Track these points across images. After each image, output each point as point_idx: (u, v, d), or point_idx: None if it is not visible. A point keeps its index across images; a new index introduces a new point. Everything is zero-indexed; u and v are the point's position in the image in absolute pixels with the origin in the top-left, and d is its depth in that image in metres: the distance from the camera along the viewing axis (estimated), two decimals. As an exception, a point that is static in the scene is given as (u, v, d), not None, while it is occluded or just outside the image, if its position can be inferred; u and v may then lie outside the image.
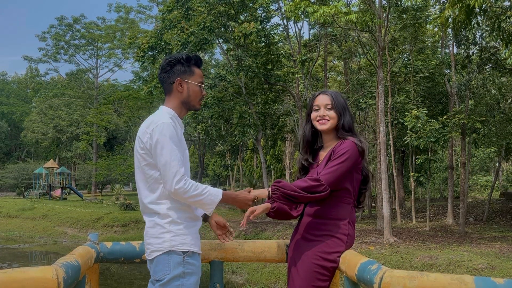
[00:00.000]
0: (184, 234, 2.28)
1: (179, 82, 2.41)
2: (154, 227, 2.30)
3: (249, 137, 23.04)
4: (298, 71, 19.85)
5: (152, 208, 2.31)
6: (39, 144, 50.43)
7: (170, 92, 2.44)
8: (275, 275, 12.80)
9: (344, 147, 2.45)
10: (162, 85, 2.48)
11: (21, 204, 33.14)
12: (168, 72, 2.43)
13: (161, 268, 2.25)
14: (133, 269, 16.42)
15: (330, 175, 2.40)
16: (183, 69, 2.42)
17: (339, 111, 2.56)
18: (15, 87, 67.86)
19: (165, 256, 2.25)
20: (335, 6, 12.88)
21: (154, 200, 2.31)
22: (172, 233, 2.27)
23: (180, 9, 19.50)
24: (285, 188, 2.38)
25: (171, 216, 2.28)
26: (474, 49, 16.96)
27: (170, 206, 2.29)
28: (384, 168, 13.82)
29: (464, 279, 1.68)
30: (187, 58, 2.44)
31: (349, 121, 2.56)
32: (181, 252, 2.26)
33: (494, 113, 18.99)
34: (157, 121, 2.32)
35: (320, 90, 2.72)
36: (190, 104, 2.45)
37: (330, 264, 2.41)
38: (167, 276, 2.23)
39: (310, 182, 2.39)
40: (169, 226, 2.27)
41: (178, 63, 2.42)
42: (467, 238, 13.85)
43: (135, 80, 40.73)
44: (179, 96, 2.42)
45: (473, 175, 36.62)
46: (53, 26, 42.50)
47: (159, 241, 2.27)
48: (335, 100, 2.57)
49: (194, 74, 2.44)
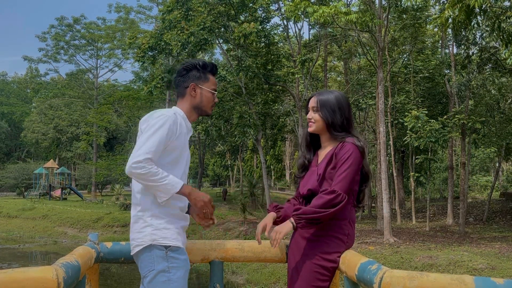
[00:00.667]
0: (165, 228, 2.25)
1: (193, 87, 2.44)
2: (137, 221, 2.29)
3: (249, 137, 23.06)
4: (298, 71, 19.86)
5: (138, 197, 2.30)
6: (39, 144, 50.47)
7: (183, 95, 2.46)
8: (275, 275, 12.81)
9: (346, 151, 2.45)
10: (176, 88, 2.50)
11: (21, 204, 33.16)
12: (183, 76, 2.46)
13: (145, 264, 2.23)
14: (133, 269, 16.42)
15: (342, 183, 2.39)
16: (198, 75, 2.45)
17: (325, 113, 2.54)
18: (15, 87, 67.94)
19: (147, 252, 2.23)
20: (335, 6, 12.88)
21: (140, 190, 2.30)
22: (153, 227, 2.24)
23: (180, 9, 19.51)
24: (307, 213, 2.37)
25: (152, 210, 2.26)
26: (474, 49, 16.98)
27: (154, 200, 2.26)
28: (384, 168, 13.83)
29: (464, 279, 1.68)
30: (204, 65, 2.47)
31: (339, 120, 2.53)
32: (162, 247, 2.22)
33: (494, 113, 19.01)
34: (159, 113, 2.32)
35: (314, 92, 2.73)
36: (202, 109, 2.47)
37: (330, 264, 2.41)
38: (152, 272, 2.20)
39: (326, 197, 2.37)
40: (150, 220, 2.25)
41: (194, 68, 2.46)
42: (467, 238, 13.85)
43: (135, 80, 40.76)
44: (192, 100, 2.45)
45: (473, 175, 36.64)
46: (53, 26, 42.56)
47: (141, 235, 2.25)
48: (321, 102, 2.56)
49: (208, 80, 2.47)
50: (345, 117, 2.55)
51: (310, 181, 2.56)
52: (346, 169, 2.42)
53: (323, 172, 2.49)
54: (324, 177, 2.49)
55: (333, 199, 2.36)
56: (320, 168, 2.53)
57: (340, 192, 2.37)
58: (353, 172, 2.43)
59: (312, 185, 2.52)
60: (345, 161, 2.43)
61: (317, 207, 2.36)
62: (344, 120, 2.54)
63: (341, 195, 2.37)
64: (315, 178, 2.52)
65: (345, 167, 2.42)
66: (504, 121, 19.04)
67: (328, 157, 2.52)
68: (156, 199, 2.25)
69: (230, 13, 20.10)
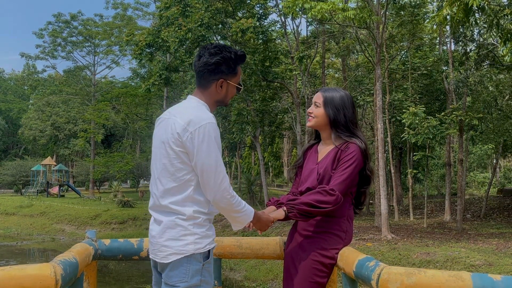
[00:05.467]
0: (208, 236, 2.17)
1: (221, 83, 2.26)
2: (174, 227, 2.13)
3: (247, 134, 23.05)
4: (296, 68, 19.85)
5: (175, 208, 2.14)
6: (36, 141, 50.32)
7: (207, 88, 2.26)
8: (273, 272, 12.83)
9: (350, 153, 2.44)
10: (199, 76, 2.27)
11: (18, 201, 33.09)
12: (212, 70, 2.25)
13: (177, 274, 2.11)
14: (131, 266, 16.42)
15: (341, 184, 2.40)
16: (228, 70, 2.26)
17: (329, 110, 2.53)
18: (13, 84, 67.69)
19: (184, 262, 2.11)
20: (332, 2, 12.86)
21: (179, 200, 2.15)
22: (197, 236, 2.13)
23: (177, 5, 19.45)
24: (301, 205, 2.38)
25: (197, 219, 2.14)
26: (472, 46, 16.99)
27: (196, 210, 2.15)
28: (382, 165, 13.85)
29: (462, 276, 1.69)
30: (236, 58, 2.27)
31: (342, 120, 2.52)
32: (201, 259, 2.13)
33: (492, 110, 19.02)
34: (200, 119, 2.13)
35: (320, 88, 2.72)
36: (223, 102, 2.33)
37: (328, 260, 2.41)
38: (184, 283, 2.10)
39: (324, 195, 2.37)
40: (193, 228, 2.12)
41: (224, 63, 2.25)
42: (465, 235, 13.90)
43: (133, 77, 40.71)
44: (216, 95, 2.28)
45: (471, 172, 36.73)
46: (50, 23, 42.44)
47: (181, 244, 2.11)
48: (326, 99, 2.55)
49: (236, 74, 2.30)
50: (349, 117, 2.54)
51: (310, 180, 2.55)
52: (347, 170, 2.42)
53: (324, 171, 2.49)
54: (324, 177, 2.48)
55: (329, 199, 2.36)
56: (321, 167, 2.52)
57: (338, 193, 2.38)
58: (353, 174, 2.44)
59: (312, 183, 2.52)
60: (347, 162, 2.43)
61: (313, 201, 2.36)
62: (347, 120, 2.53)
63: (338, 196, 2.38)
64: (315, 177, 2.51)
65: (346, 168, 2.42)
66: (501, 118, 19.06)
67: (331, 157, 2.50)
68: (198, 208, 2.16)
69: (228, 9, 20.05)
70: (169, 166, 2.16)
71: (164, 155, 2.18)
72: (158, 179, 2.21)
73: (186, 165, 2.14)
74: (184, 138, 2.11)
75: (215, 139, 2.13)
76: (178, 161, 2.14)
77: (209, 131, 2.11)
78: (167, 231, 2.14)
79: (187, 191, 2.14)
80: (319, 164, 2.55)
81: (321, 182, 2.47)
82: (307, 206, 2.36)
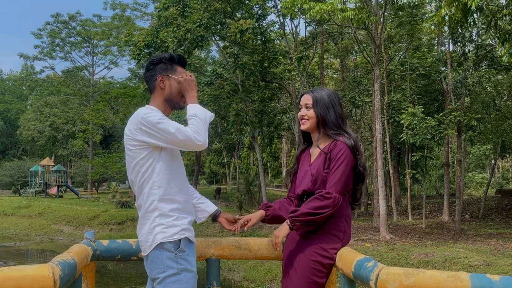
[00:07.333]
0: (174, 226, 2.26)
1: (161, 78, 2.40)
2: (146, 222, 2.29)
3: (246, 134, 23.05)
4: (295, 68, 19.86)
5: (142, 204, 2.30)
6: (35, 142, 50.28)
7: (154, 90, 2.42)
8: (271, 272, 12.82)
9: (338, 151, 2.46)
10: (147, 84, 2.48)
11: (17, 202, 33.04)
12: (151, 70, 2.44)
13: (156, 266, 2.23)
14: (129, 267, 16.42)
15: (336, 184, 2.42)
16: (165, 67, 2.42)
17: (320, 109, 2.54)
18: (11, 84, 67.61)
19: (157, 253, 2.23)
20: (331, 3, 12.87)
21: (144, 197, 2.29)
22: (163, 226, 2.24)
23: (176, 6, 19.45)
24: (302, 216, 2.39)
25: (161, 209, 2.26)
26: (470, 46, 17.01)
27: (159, 201, 2.27)
28: (380, 165, 13.86)
29: (460, 276, 1.69)
30: (170, 57, 2.45)
31: (333, 118, 2.54)
32: (172, 248, 2.22)
33: (490, 110, 19.06)
34: (136, 113, 2.32)
35: (306, 90, 2.73)
36: (174, 101, 2.42)
37: (326, 260, 2.41)
38: (162, 274, 2.21)
39: (321, 199, 2.39)
40: (159, 220, 2.25)
41: (160, 62, 2.43)
42: (463, 235, 13.90)
43: (132, 78, 40.66)
44: (162, 93, 2.40)
45: (469, 173, 36.79)
46: (48, 23, 42.35)
47: (152, 235, 2.25)
48: (316, 99, 2.56)
49: (176, 71, 2.43)
50: (338, 114, 2.57)
51: (304, 182, 2.56)
52: (339, 169, 2.43)
53: (316, 173, 2.50)
54: (318, 178, 2.49)
55: (327, 203, 2.38)
56: (313, 168, 2.53)
57: (335, 194, 2.39)
58: (346, 172, 2.45)
59: (307, 185, 2.54)
60: (337, 161, 2.44)
61: (313, 209, 2.37)
62: (337, 117, 2.56)
63: (337, 197, 2.39)
64: (309, 179, 2.53)
65: (337, 168, 2.44)
66: (499, 118, 19.09)
67: (322, 158, 2.52)
68: (162, 198, 2.27)
69: (227, 10, 20.06)
70: (134, 165, 2.33)
71: (128, 159, 2.36)
72: (131, 182, 2.39)
73: (145, 157, 2.29)
74: (129, 132, 2.29)
75: (159, 116, 2.25)
76: (139, 157, 2.29)
77: (148, 114, 2.25)
78: (142, 227, 2.31)
79: (148, 184, 2.28)
80: (311, 165, 2.57)
81: (315, 183, 2.49)
82: (307, 216, 2.38)
